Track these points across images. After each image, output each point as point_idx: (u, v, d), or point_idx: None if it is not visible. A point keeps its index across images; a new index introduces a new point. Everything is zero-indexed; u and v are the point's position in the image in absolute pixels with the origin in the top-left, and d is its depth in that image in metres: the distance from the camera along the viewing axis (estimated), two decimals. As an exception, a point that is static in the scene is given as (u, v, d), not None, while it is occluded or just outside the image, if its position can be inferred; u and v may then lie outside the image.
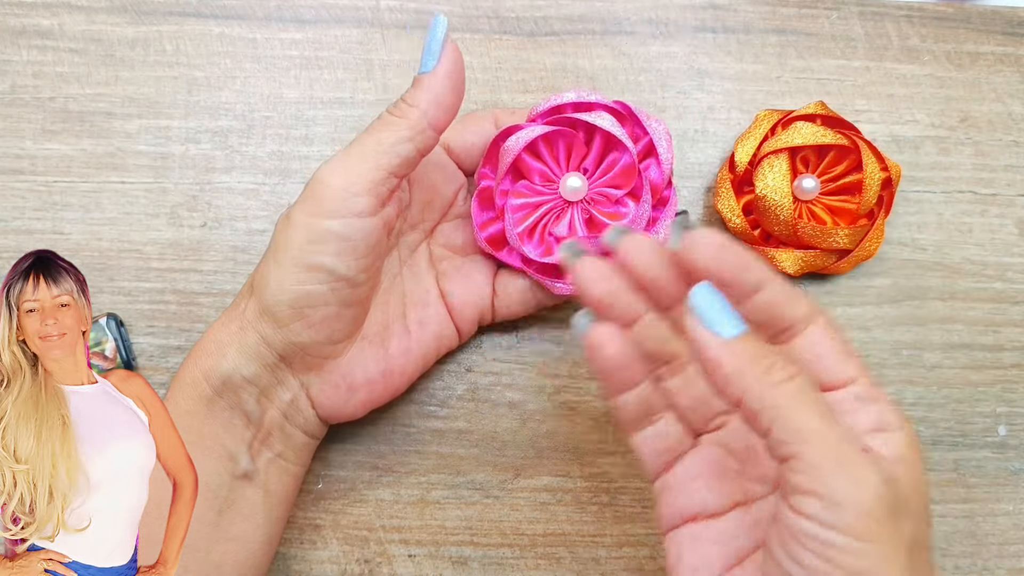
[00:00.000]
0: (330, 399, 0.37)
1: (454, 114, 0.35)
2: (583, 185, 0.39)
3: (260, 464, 0.37)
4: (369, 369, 0.38)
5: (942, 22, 0.45)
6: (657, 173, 0.39)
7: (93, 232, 0.42)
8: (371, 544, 0.42)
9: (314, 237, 0.34)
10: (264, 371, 0.36)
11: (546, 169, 0.39)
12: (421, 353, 0.39)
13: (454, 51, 0.35)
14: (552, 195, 0.40)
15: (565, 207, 0.40)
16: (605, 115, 0.39)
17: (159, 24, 0.44)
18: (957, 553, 0.43)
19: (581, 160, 0.40)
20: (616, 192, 0.39)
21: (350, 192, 0.34)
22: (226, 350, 0.36)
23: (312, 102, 0.44)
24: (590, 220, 0.40)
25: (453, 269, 0.40)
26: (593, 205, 0.39)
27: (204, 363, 0.36)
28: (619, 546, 0.42)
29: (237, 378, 0.35)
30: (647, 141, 0.39)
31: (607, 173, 0.39)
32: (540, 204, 0.40)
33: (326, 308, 0.35)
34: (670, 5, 0.45)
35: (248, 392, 0.36)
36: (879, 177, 0.41)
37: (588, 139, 0.39)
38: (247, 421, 0.36)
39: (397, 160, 0.34)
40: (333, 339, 0.36)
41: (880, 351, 0.44)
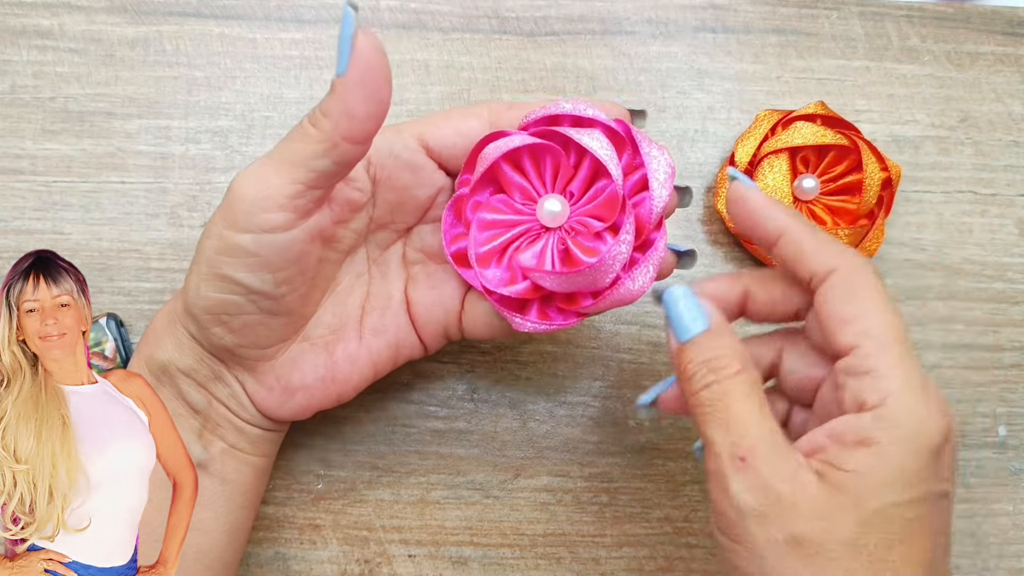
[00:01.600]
0: (266, 400, 0.35)
1: (375, 123, 0.30)
2: (563, 210, 0.34)
3: (214, 453, 0.35)
4: (307, 374, 0.35)
5: (942, 22, 0.45)
6: (647, 209, 0.33)
7: (93, 232, 0.42)
8: (371, 544, 0.42)
9: (224, 249, 0.31)
10: (199, 364, 0.35)
11: (528, 186, 0.35)
12: (370, 361, 0.36)
13: (368, 49, 0.29)
14: (529, 216, 0.35)
15: (541, 233, 0.35)
16: (599, 135, 0.33)
17: (159, 24, 0.44)
18: (957, 553, 0.43)
19: (568, 182, 0.35)
20: (597, 224, 0.34)
21: (260, 207, 0.31)
22: (163, 340, 0.35)
23: (312, 102, 0.44)
24: (566, 252, 0.34)
25: (424, 275, 0.37)
26: (573, 235, 0.34)
27: (145, 351, 0.35)
28: (619, 546, 0.42)
29: (173, 368, 0.34)
30: (643, 174, 0.34)
31: (591, 202, 0.34)
32: (514, 224, 0.35)
33: (245, 317, 0.33)
34: (670, 5, 0.45)
35: (187, 383, 0.35)
36: (879, 177, 0.41)
37: (579, 161, 0.34)
38: (192, 411, 0.35)
39: (312, 175, 0.31)
40: (259, 344, 0.34)
41: (880, 351, 0.44)
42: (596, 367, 0.43)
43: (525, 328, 0.35)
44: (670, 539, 0.42)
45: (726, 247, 0.44)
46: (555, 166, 0.34)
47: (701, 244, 0.44)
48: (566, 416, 0.43)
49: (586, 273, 0.33)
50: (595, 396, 0.43)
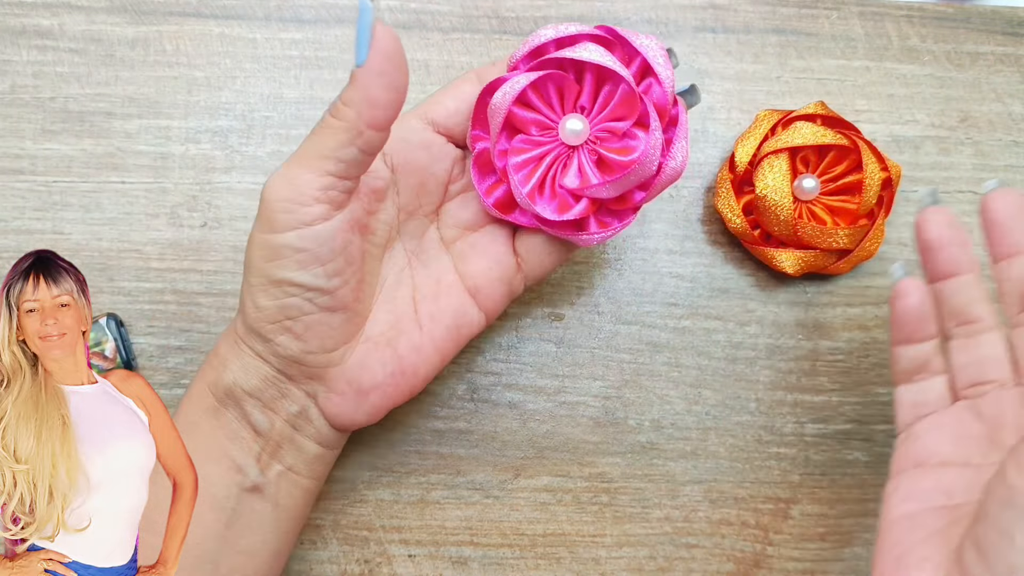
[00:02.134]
0: (339, 407, 0.36)
1: (395, 110, 0.32)
2: (584, 126, 0.36)
3: (270, 476, 0.36)
4: (376, 372, 0.36)
5: (942, 22, 0.45)
6: (659, 92, 0.36)
7: (93, 232, 0.42)
8: (371, 544, 0.42)
9: (271, 254, 0.33)
10: (265, 384, 0.35)
11: (541, 118, 0.36)
12: (434, 348, 0.37)
13: (386, 39, 0.30)
14: (553, 143, 0.36)
15: (570, 153, 0.36)
16: (591, 46, 0.35)
17: (159, 24, 0.44)
18: (957, 553, 0.43)
19: (576, 99, 0.36)
20: (621, 125, 0.36)
21: (297, 203, 0.32)
22: (228, 363, 0.35)
23: (312, 102, 0.44)
24: (599, 160, 0.36)
25: (468, 247, 0.37)
26: (599, 144, 0.36)
27: (208, 375, 0.36)
28: (619, 546, 0.42)
29: (239, 391, 0.35)
30: (640, 61, 0.36)
31: (606, 107, 0.36)
32: (543, 156, 0.36)
33: (308, 317, 0.34)
34: (670, 5, 0.45)
35: (252, 404, 0.35)
36: (879, 177, 0.41)
37: (578, 76, 0.36)
38: (254, 433, 0.36)
39: (341, 165, 0.32)
40: (326, 347, 0.35)
41: (880, 351, 0.44)
42: (596, 367, 0.43)
43: (593, 242, 0.37)
44: (670, 539, 0.42)
45: (725, 247, 0.44)
46: (559, 89, 0.36)
47: (701, 244, 0.44)
48: (566, 416, 0.43)
49: (636, 169, 0.35)
50: (595, 396, 0.43)
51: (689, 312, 0.44)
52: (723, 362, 0.43)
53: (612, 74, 0.35)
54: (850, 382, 0.44)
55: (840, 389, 0.43)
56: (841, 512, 0.43)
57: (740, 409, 0.43)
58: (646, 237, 0.44)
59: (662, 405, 0.43)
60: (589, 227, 0.37)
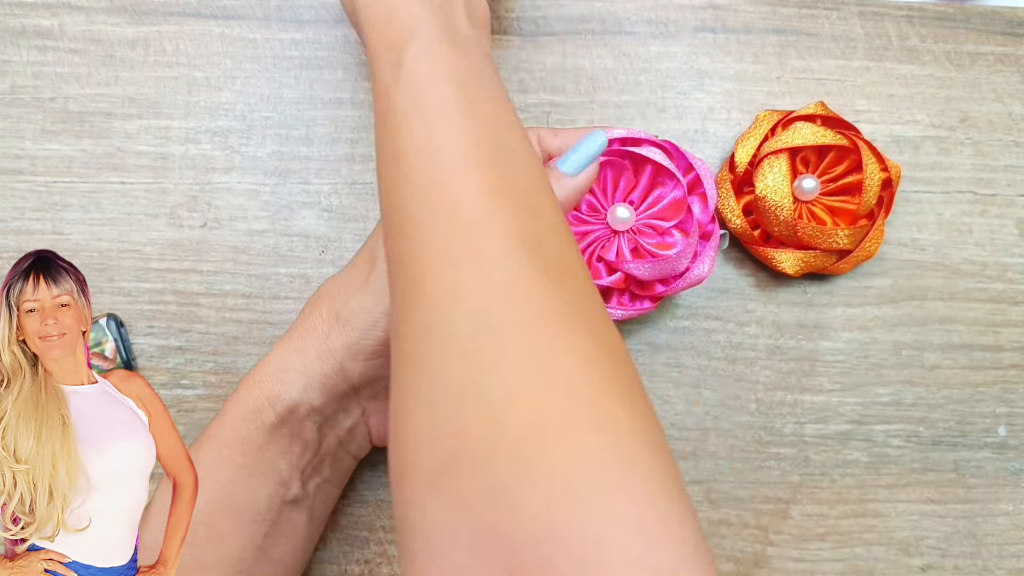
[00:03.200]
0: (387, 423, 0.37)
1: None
2: (631, 216, 0.40)
3: (310, 489, 0.37)
4: None
5: (942, 22, 0.45)
6: (701, 209, 0.41)
7: (93, 232, 0.42)
8: (371, 544, 0.42)
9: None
10: (332, 400, 0.36)
11: (594, 200, 0.41)
12: None
13: (596, 171, 0.36)
14: (600, 225, 0.41)
15: (612, 236, 0.41)
16: (654, 149, 0.40)
17: (159, 24, 0.44)
18: (957, 553, 0.43)
19: (628, 192, 0.41)
20: (663, 224, 0.41)
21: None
22: (295, 378, 0.35)
23: (312, 102, 0.44)
24: (635, 249, 0.41)
25: None
26: (639, 235, 0.41)
27: (270, 389, 0.35)
28: (619, 546, 0.42)
29: (304, 408, 0.35)
30: (693, 177, 0.41)
31: (654, 206, 0.41)
32: (589, 232, 0.41)
33: None
34: (670, 5, 0.45)
35: (312, 420, 0.36)
36: (879, 177, 0.41)
37: (635, 172, 0.41)
38: (304, 448, 0.36)
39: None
40: None
41: (880, 351, 0.44)
42: (596, 367, 0.43)
43: (614, 317, 0.41)
44: (670, 539, 0.42)
45: (725, 247, 0.44)
46: (616, 179, 0.41)
47: (701, 244, 0.44)
48: (566, 416, 0.43)
49: (671, 260, 0.39)
50: (595, 396, 0.43)
51: (689, 312, 0.44)
52: (723, 362, 0.43)
53: (666, 178, 0.40)
54: (850, 382, 0.44)
55: (840, 389, 0.43)
56: (841, 512, 0.43)
57: (740, 409, 0.43)
58: (646, 237, 0.44)
59: (662, 405, 0.43)
60: (611, 302, 0.41)
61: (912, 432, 0.43)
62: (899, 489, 0.43)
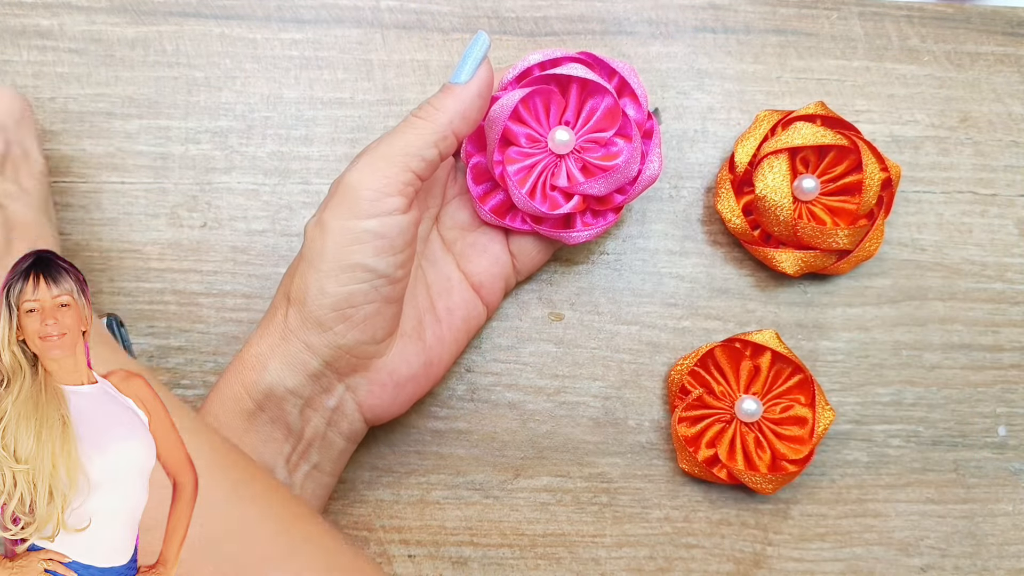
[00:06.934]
0: (379, 398, 0.38)
1: (473, 129, 0.37)
2: (571, 137, 0.40)
3: (297, 478, 0.37)
4: (412, 363, 0.38)
5: (942, 22, 0.45)
6: (635, 110, 0.40)
7: (93, 232, 0.42)
8: (371, 544, 0.42)
9: (352, 239, 0.35)
10: (308, 380, 0.36)
11: (531, 131, 0.40)
12: (453, 339, 0.40)
13: (488, 72, 0.37)
14: (543, 153, 0.40)
15: (558, 161, 0.40)
16: (577, 65, 0.40)
17: (159, 24, 0.44)
18: (957, 553, 0.43)
19: (562, 114, 0.40)
20: (604, 135, 0.40)
21: (383, 193, 0.35)
22: (267, 362, 0.36)
23: (312, 102, 0.44)
24: (584, 168, 0.40)
25: (468, 247, 0.41)
26: (584, 153, 0.40)
27: (246, 377, 0.36)
28: (619, 546, 0.42)
29: (280, 390, 0.36)
30: (618, 81, 0.40)
31: (590, 119, 0.40)
32: (535, 165, 0.40)
33: (368, 307, 0.35)
34: (670, 5, 0.45)
35: (291, 403, 0.36)
36: (879, 177, 0.41)
37: (564, 92, 0.40)
38: (287, 433, 0.36)
39: (423, 164, 0.36)
40: (376, 338, 0.36)
41: (880, 351, 0.44)
42: (596, 367, 0.43)
43: (582, 238, 0.41)
44: (670, 539, 0.42)
45: (725, 247, 0.44)
46: (546, 104, 0.40)
47: (701, 244, 0.44)
48: (566, 416, 0.43)
49: (621, 168, 0.39)
50: (595, 396, 0.43)
51: (689, 312, 0.44)
52: (723, 362, 0.43)
53: (596, 88, 0.39)
54: (850, 382, 0.44)
55: (840, 389, 0.43)
56: (841, 512, 0.43)
57: (740, 409, 0.43)
58: (646, 237, 0.44)
59: (662, 405, 0.43)
60: (576, 225, 0.41)
61: (912, 432, 0.43)
62: (899, 489, 0.43)
